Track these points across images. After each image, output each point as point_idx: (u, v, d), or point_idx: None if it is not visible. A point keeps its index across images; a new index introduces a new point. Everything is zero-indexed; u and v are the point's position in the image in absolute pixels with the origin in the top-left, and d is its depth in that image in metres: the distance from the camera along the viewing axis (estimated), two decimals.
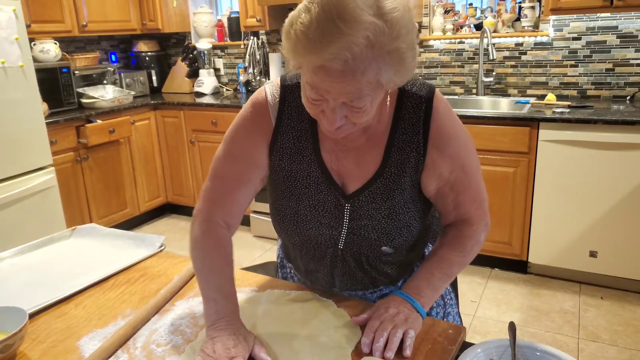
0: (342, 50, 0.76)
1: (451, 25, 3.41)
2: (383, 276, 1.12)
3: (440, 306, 1.20)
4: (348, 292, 1.15)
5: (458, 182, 1.03)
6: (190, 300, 1.13)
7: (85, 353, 0.96)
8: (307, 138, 1.03)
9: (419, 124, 0.99)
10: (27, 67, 2.82)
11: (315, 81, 0.83)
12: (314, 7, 0.78)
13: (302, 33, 0.79)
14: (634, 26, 2.90)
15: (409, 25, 0.81)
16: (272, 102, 1.04)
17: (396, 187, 1.01)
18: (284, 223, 1.08)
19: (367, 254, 1.07)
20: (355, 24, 0.76)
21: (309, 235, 1.07)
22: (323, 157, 1.03)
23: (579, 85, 3.12)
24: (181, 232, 3.88)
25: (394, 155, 1.00)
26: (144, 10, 4.04)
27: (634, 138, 2.47)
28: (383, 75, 0.81)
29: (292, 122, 1.03)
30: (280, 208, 1.08)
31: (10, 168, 2.79)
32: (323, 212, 1.04)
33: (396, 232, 1.03)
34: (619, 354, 2.25)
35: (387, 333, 0.91)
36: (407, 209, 1.03)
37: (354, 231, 1.04)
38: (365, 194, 1.02)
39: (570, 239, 2.75)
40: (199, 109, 3.77)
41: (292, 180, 1.05)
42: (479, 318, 2.57)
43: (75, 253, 1.39)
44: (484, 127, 2.78)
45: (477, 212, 1.08)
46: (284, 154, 1.05)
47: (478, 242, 1.09)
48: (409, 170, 1.01)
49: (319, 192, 1.04)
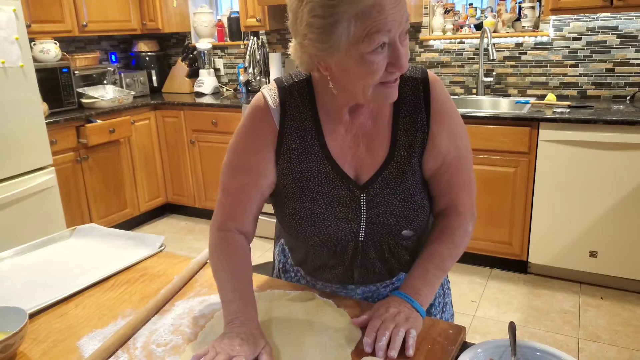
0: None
1: (451, 25, 3.41)
2: (401, 264, 1.13)
3: (440, 296, 1.22)
4: (362, 288, 1.15)
5: (452, 163, 1.06)
6: (190, 300, 1.13)
7: (85, 353, 0.96)
8: (312, 136, 1.04)
9: (420, 103, 1.03)
10: (27, 67, 2.82)
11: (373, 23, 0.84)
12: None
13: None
14: (634, 26, 2.90)
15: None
16: (274, 106, 1.04)
17: (408, 168, 1.04)
18: (300, 226, 1.07)
19: (388, 241, 1.08)
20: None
21: (328, 234, 1.06)
22: (331, 152, 1.04)
23: (579, 85, 3.12)
24: (181, 232, 3.88)
25: (401, 138, 1.03)
26: (144, 10, 4.04)
27: (634, 138, 2.47)
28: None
29: (295, 123, 1.04)
30: (295, 212, 1.06)
31: (10, 168, 2.79)
32: (339, 206, 1.05)
33: (414, 214, 1.05)
34: (619, 354, 2.25)
35: (390, 332, 0.91)
36: (420, 190, 1.06)
37: (373, 220, 1.05)
38: (379, 181, 1.04)
39: (570, 239, 2.75)
40: (199, 109, 3.77)
41: (303, 180, 1.05)
42: (479, 318, 2.57)
43: (75, 253, 1.39)
44: (484, 127, 2.78)
45: (467, 199, 1.10)
46: (292, 155, 1.05)
47: (466, 232, 1.10)
48: (417, 150, 1.04)
49: (332, 187, 1.05)
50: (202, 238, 3.73)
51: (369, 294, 1.15)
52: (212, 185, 3.88)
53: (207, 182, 3.91)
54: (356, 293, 1.15)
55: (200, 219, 4.08)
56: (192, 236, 3.79)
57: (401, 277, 1.16)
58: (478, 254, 3.00)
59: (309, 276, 1.20)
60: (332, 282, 1.16)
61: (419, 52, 3.52)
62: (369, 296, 1.15)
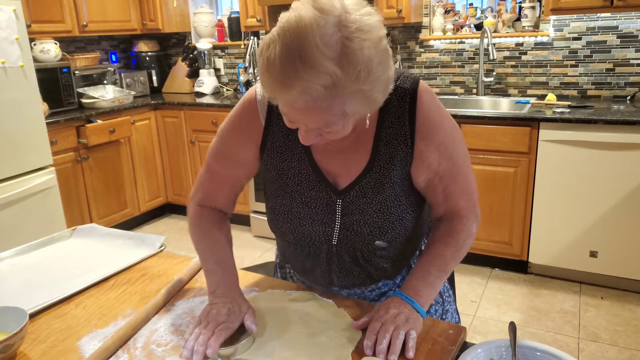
0: (301, 94, 0.78)
1: (451, 25, 3.41)
2: (379, 271, 1.12)
3: (438, 304, 1.20)
4: (347, 291, 1.16)
5: (447, 173, 1.04)
6: (190, 300, 1.13)
7: (85, 353, 0.96)
8: (296, 137, 1.03)
9: (404, 116, 1.00)
10: (28, 67, 2.82)
11: (284, 111, 0.86)
12: (279, 42, 0.78)
13: (266, 70, 0.81)
14: (634, 26, 2.90)
15: (371, 65, 0.78)
16: (262, 102, 1.06)
17: (386, 180, 1.02)
18: (278, 221, 1.10)
19: (361, 248, 1.08)
20: (313, 70, 0.76)
21: (302, 232, 1.08)
22: (313, 154, 1.05)
23: (579, 85, 3.12)
24: (181, 232, 3.88)
25: (382, 149, 1.01)
26: (144, 10, 4.04)
27: (634, 138, 2.47)
28: (348, 109, 0.82)
29: (282, 121, 1.03)
30: (274, 206, 1.10)
31: (10, 168, 2.79)
32: (315, 208, 1.06)
33: (389, 226, 1.04)
34: (619, 354, 2.25)
35: (390, 335, 0.91)
36: (399, 202, 1.04)
37: (347, 226, 1.05)
38: (356, 189, 1.03)
39: (570, 239, 2.75)
40: (199, 109, 3.77)
41: (284, 178, 1.07)
42: (479, 318, 2.57)
43: (75, 253, 1.39)
44: (484, 127, 2.78)
45: (467, 203, 1.08)
46: (275, 152, 1.07)
47: (470, 234, 1.09)
48: (398, 163, 1.01)
49: (310, 189, 1.05)
50: None
51: (355, 297, 1.15)
52: None
53: None
54: (341, 295, 1.15)
55: None
56: None
57: (388, 282, 1.15)
58: (478, 254, 3.00)
59: (297, 275, 1.22)
60: (316, 283, 1.17)
61: (419, 52, 3.52)
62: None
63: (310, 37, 0.75)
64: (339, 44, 0.76)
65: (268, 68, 0.80)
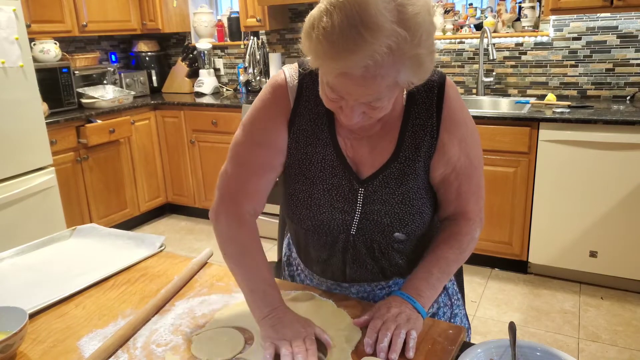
0: (364, 58, 0.78)
1: (451, 25, 3.41)
2: (393, 267, 1.12)
3: (447, 306, 1.20)
4: (357, 288, 1.15)
5: (463, 171, 1.05)
6: (190, 300, 1.13)
7: (85, 353, 0.96)
8: (323, 122, 1.04)
9: (432, 107, 1.01)
10: (27, 67, 2.82)
11: (335, 84, 0.85)
12: (336, 12, 0.79)
13: (324, 38, 0.79)
14: (634, 26, 2.90)
15: (430, 28, 0.83)
16: (291, 84, 1.05)
17: (410, 171, 1.03)
18: (297, 207, 1.08)
19: (379, 240, 1.07)
20: (378, 32, 0.77)
21: (321, 220, 1.07)
22: (339, 141, 1.04)
23: (579, 85, 3.12)
24: (181, 232, 3.88)
25: (408, 139, 1.02)
26: (144, 10, 4.04)
27: (634, 138, 2.47)
28: (401, 77, 0.83)
29: (310, 105, 1.04)
30: (294, 192, 1.08)
31: (10, 168, 2.79)
32: (337, 196, 1.05)
33: (409, 218, 1.04)
34: (619, 354, 2.25)
35: (391, 333, 0.91)
36: (420, 195, 1.05)
37: (367, 216, 1.05)
38: (379, 179, 1.03)
39: (570, 239, 2.75)
40: (199, 109, 3.77)
41: (307, 163, 1.06)
42: (479, 318, 2.58)
43: (75, 253, 1.39)
44: (484, 127, 2.78)
45: (475, 207, 1.10)
46: (300, 136, 1.06)
47: (473, 238, 1.10)
48: (423, 154, 1.02)
49: (333, 175, 1.05)
50: (202, 238, 3.73)
51: (364, 294, 1.15)
52: (212, 185, 3.88)
53: (207, 182, 3.90)
54: (351, 292, 1.15)
55: (201, 219, 4.08)
56: (192, 236, 3.79)
57: (399, 281, 1.15)
58: (478, 254, 3.00)
59: (308, 270, 1.21)
60: (327, 276, 1.16)
61: None
62: (364, 297, 1.15)
63: (372, 4, 0.77)
64: (396, 10, 0.79)
65: (326, 37, 0.79)
